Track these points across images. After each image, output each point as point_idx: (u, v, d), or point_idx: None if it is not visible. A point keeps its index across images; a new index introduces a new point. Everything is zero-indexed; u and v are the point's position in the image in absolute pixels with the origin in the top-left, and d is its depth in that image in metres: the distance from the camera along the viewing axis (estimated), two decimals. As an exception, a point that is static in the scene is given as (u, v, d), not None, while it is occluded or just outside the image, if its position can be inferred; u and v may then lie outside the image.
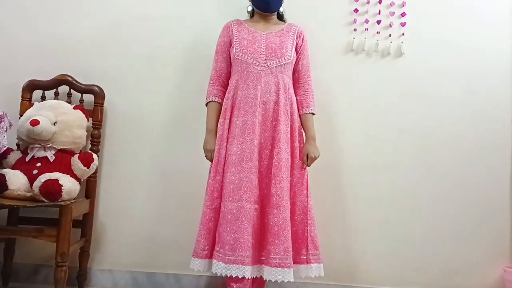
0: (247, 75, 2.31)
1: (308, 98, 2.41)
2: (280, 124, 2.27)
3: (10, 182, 2.17)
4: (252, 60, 2.31)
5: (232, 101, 2.33)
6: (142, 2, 2.71)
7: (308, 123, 2.39)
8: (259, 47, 2.34)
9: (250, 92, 2.29)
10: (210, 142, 2.35)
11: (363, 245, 2.64)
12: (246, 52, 2.33)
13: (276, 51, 2.33)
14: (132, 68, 2.67)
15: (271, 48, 2.34)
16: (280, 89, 2.31)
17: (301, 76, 2.42)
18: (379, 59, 2.71)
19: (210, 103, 2.40)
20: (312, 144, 2.38)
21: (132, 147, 2.64)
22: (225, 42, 2.41)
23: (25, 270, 2.56)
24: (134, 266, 2.61)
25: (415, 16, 2.70)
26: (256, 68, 2.31)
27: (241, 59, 2.33)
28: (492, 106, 2.71)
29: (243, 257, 2.11)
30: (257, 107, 2.27)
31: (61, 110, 2.37)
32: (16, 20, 2.66)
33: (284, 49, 2.35)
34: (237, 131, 2.26)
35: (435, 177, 2.68)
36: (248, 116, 2.27)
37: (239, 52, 2.34)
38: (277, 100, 2.30)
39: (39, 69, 2.56)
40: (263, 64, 2.31)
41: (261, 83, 2.29)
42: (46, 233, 2.12)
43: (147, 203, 2.63)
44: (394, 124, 2.69)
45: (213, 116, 2.38)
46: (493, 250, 2.66)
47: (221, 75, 2.41)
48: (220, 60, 2.42)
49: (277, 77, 2.32)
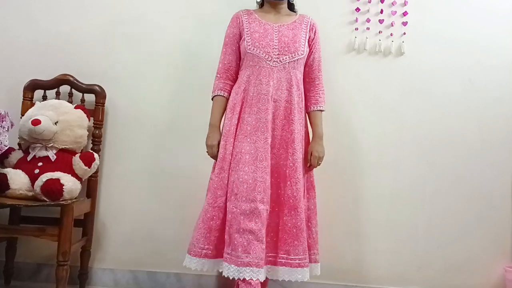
0: (259, 70, 2.22)
1: (318, 94, 2.34)
2: (294, 123, 2.21)
3: (11, 182, 2.17)
4: (265, 55, 2.21)
5: (242, 96, 2.23)
6: (143, 1, 2.70)
7: (317, 120, 2.33)
8: (271, 41, 2.23)
9: (263, 88, 2.20)
10: (213, 137, 2.26)
11: (365, 243, 2.64)
12: (259, 46, 2.22)
13: (289, 46, 2.23)
14: (133, 68, 2.67)
15: (284, 42, 2.23)
16: (292, 86, 2.23)
17: (312, 70, 2.34)
18: (381, 58, 2.71)
19: (216, 97, 2.30)
20: (318, 142, 2.32)
21: (133, 146, 2.65)
22: (234, 34, 2.31)
23: (27, 269, 2.57)
24: (135, 265, 2.61)
25: (417, 15, 2.69)
26: (269, 63, 2.21)
27: (253, 53, 2.22)
28: (495, 103, 2.71)
29: (258, 260, 2.04)
30: (269, 104, 2.18)
31: (63, 110, 2.37)
32: (17, 19, 2.66)
33: (297, 43, 2.25)
34: (249, 129, 2.18)
35: (437, 176, 2.68)
36: (261, 113, 2.18)
37: (251, 46, 2.23)
38: (288, 98, 2.22)
39: (40, 69, 2.57)
40: (275, 59, 2.22)
41: (273, 79, 2.21)
42: (47, 232, 2.13)
43: (148, 202, 2.63)
44: (396, 123, 2.69)
45: (218, 110, 2.29)
46: (494, 249, 2.66)
47: (229, 69, 2.31)
48: (228, 52, 2.31)
49: (289, 73, 2.23)
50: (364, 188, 2.66)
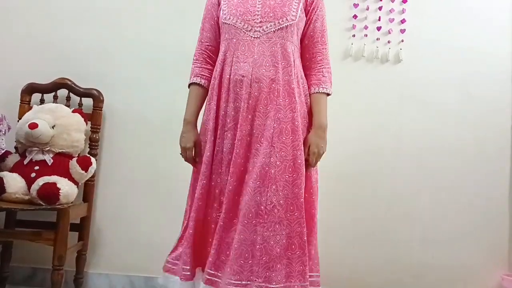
0: (237, 45, 1.79)
1: (320, 72, 1.87)
2: (281, 110, 1.74)
3: (8, 185, 2.17)
4: (243, 24, 1.79)
5: (218, 80, 1.82)
6: (141, 5, 2.71)
7: (319, 106, 1.84)
8: (252, 6, 1.80)
9: (240, 67, 1.77)
10: (187, 137, 1.88)
11: (361, 251, 2.64)
12: (236, 13, 1.80)
13: (275, 10, 1.79)
14: (131, 72, 2.67)
15: (268, 6, 1.80)
16: (279, 61, 1.78)
17: (313, 43, 1.88)
18: (378, 65, 2.71)
19: (192, 86, 1.91)
20: (319, 134, 1.84)
21: (131, 151, 2.64)
22: (213, 4, 1.90)
23: (22, 273, 2.56)
24: (131, 270, 2.60)
25: (414, 22, 2.71)
26: (249, 34, 1.78)
27: (229, 23, 1.81)
28: (492, 112, 2.72)
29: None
30: (248, 87, 1.76)
31: (60, 114, 2.37)
32: (15, 22, 2.67)
33: (286, 7, 1.80)
34: (229, 121, 1.78)
35: (433, 184, 2.68)
36: (239, 101, 1.77)
37: (227, 14, 1.81)
38: (275, 77, 1.76)
39: (38, 72, 2.57)
40: (257, 28, 1.78)
41: (254, 54, 1.77)
42: (43, 236, 2.12)
43: (145, 207, 2.63)
44: (393, 130, 2.70)
45: (192, 102, 1.90)
46: (491, 258, 2.66)
47: (207, 48, 1.90)
48: (206, 28, 1.90)
49: (276, 45, 1.78)
50: (360, 195, 2.66)
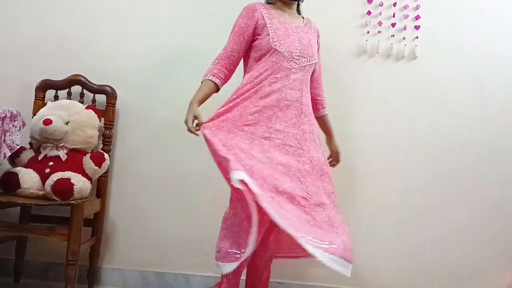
0: (278, 69, 2.12)
1: (324, 99, 2.39)
2: (304, 124, 2.15)
3: (22, 181, 2.19)
4: (288, 55, 2.12)
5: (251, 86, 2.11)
6: (155, 4, 2.71)
7: (330, 123, 2.42)
8: (293, 42, 2.15)
9: (276, 86, 2.10)
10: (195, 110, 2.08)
11: (372, 249, 2.63)
12: (284, 44, 2.12)
13: (308, 49, 2.17)
14: (144, 69, 2.67)
15: (303, 45, 2.17)
16: (303, 89, 2.17)
17: (319, 76, 2.34)
18: (393, 62, 2.69)
19: (206, 81, 2.14)
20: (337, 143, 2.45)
21: (143, 147, 2.65)
22: (247, 25, 2.16)
23: (36, 268, 2.58)
24: (144, 266, 2.62)
25: (429, 19, 2.68)
26: (289, 63, 2.12)
27: (278, 50, 2.11)
28: (505, 111, 2.68)
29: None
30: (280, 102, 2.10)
31: (74, 110, 2.38)
32: (29, 20, 2.68)
33: (313, 48, 2.21)
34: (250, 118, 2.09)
35: (446, 182, 2.66)
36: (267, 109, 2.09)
37: (277, 43, 2.12)
38: (300, 99, 2.15)
39: (52, 69, 2.58)
40: (296, 60, 2.14)
41: (289, 80, 2.12)
42: (57, 231, 2.13)
43: (158, 203, 2.64)
44: (406, 128, 2.68)
45: (203, 91, 2.13)
46: (503, 257, 2.64)
47: (230, 57, 2.16)
48: (235, 41, 2.16)
49: (304, 76, 2.18)
50: (372, 193, 2.65)
